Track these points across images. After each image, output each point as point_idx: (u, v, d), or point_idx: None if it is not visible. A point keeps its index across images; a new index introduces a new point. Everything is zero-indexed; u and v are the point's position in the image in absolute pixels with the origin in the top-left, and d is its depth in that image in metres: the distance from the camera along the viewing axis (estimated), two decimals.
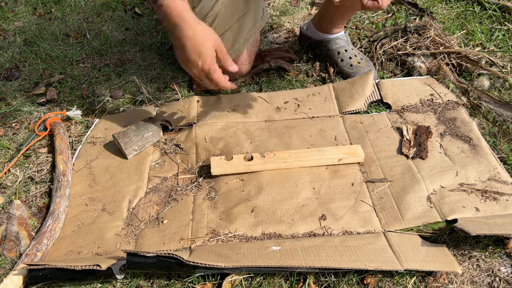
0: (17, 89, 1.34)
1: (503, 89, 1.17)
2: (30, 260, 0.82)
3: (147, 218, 0.92)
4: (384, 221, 0.87)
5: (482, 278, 0.78)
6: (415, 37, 1.30)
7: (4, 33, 1.66)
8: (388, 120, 1.10)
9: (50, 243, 0.88)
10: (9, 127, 1.20)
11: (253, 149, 1.05)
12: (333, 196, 0.92)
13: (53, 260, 0.80)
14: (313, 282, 0.79)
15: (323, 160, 0.98)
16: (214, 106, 1.18)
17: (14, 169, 1.06)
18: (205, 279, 0.80)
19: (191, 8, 1.07)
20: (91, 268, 0.75)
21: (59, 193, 0.95)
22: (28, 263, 0.80)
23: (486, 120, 1.09)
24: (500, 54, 1.29)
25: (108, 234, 0.89)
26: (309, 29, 1.34)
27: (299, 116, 1.14)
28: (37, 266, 0.77)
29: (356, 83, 1.17)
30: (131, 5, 1.77)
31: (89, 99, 1.28)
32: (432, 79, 1.21)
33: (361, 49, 1.39)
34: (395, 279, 0.78)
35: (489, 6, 1.48)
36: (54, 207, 0.92)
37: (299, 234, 0.86)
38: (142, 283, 0.80)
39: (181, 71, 1.36)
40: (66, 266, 0.76)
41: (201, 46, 0.86)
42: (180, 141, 1.10)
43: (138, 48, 1.50)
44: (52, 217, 0.90)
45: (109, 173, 1.03)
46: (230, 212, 0.90)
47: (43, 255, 0.85)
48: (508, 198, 0.88)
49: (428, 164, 0.97)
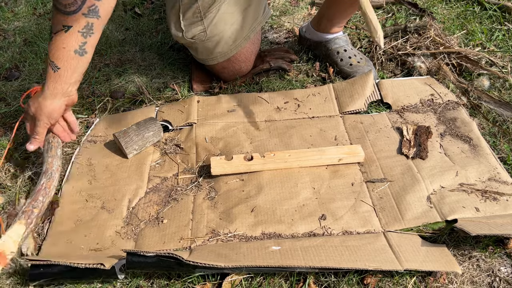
0: (17, 89, 1.34)
1: (503, 89, 1.17)
2: (27, 216, 0.84)
3: (147, 217, 0.92)
4: (384, 221, 0.87)
5: (482, 278, 0.78)
6: (415, 37, 1.30)
7: (4, 33, 1.66)
8: (388, 120, 1.10)
9: (46, 200, 0.89)
10: (9, 127, 1.20)
11: (253, 149, 1.05)
12: (333, 196, 0.92)
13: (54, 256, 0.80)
14: (313, 282, 0.79)
15: (323, 160, 0.98)
16: (214, 106, 1.18)
17: (14, 169, 1.06)
18: (205, 279, 0.80)
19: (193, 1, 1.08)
20: (95, 267, 0.75)
21: (50, 153, 0.97)
22: (30, 258, 0.80)
23: (486, 120, 1.09)
24: (500, 54, 1.29)
25: (107, 232, 0.89)
26: (308, 31, 1.34)
27: (299, 116, 1.14)
28: (39, 261, 0.77)
29: (356, 83, 1.17)
30: (131, 5, 1.77)
31: (89, 99, 1.28)
32: (432, 79, 1.21)
33: (361, 49, 1.39)
34: (395, 279, 0.78)
35: (489, 6, 1.48)
36: (47, 166, 0.94)
37: (299, 234, 0.86)
38: (142, 283, 0.80)
39: (181, 71, 1.37)
40: (69, 263, 0.75)
41: (42, 115, 0.95)
42: (180, 141, 1.10)
43: (138, 48, 1.50)
44: (46, 176, 0.92)
45: (109, 171, 1.03)
46: (230, 212, 0.90)
47: (39, 212, 0.87)
48: (508, 198, 0.88)
49: (428, 164, 0.97)
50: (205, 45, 1.17)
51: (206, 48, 1.18)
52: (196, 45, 1.18)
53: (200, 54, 1.21)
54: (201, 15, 1.11)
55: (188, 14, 1.12)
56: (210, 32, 1.14)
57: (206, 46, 1.17)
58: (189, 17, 1.12)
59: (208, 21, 1.12)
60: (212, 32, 1.14)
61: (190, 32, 1.14)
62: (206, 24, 1.13)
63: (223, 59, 1.19)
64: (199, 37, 1.15)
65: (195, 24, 1.13)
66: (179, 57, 1.42)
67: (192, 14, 1.12)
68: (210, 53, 1.18)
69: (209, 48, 1.17)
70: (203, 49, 1.19)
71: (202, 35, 1.14)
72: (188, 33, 1.15)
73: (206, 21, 1.12)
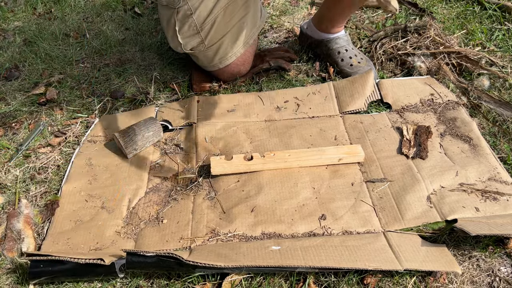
0: (17, 89, 1.34)
1: (503, 89, 1.17)
2: None
3: (147, 217, 0.92)
4: (384, 221, 0.87)
5: (482, 278, 0.78)
6: (415, 37, 1.30)
7: (4, 33, 1.66)
8: (388, 120, 1.10)
9: None
10: (9, 127, 1.19)
11: (253, 149, 1.05)
12: (333, 196, 0.92)
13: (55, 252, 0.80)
14: (313, 282, 0.78)
15: (323, 160, 0.98)
16: (214, 106, 1.18)
17: (14, 169, 1.06)
18: (205, 279, 0.80)
19: (188, 15, 1.08)
20: (95, 262, 0.75)
21: None
22: (29, 253, 0.80)
23: (486, 120, 1.09)
24: (500, 54, 1.29)
25: (107, 232, 0.89)
26: (309, 28, 1.34)
27: (299, 116, 1.14)
28: (39, 256, 0.77)
29: (357, 82, 1.17)
30: (131, 5, 1.77)
31: (89, 99, 1.28)
32: (432, 79, 1.21)
33: (361, 49, 1.38)
34: (395, 279, 0.78)
35: (489, 6, 1.48)
36: None
37: (299, 234, 0.86)
38: (142, 283, 0.80)
39: (181, 71, 1.37)
40: (69, 258, 0.75)
41: None
42: (180, 141, 1.10)
43: (138, 48, 1.50)
44: None
45: (109, 171, 1.03)
46: (230, 212, 0.90)
47: None
48: (508, 198, 0.88)
49: (428, 164, 0.97)
50: (205, 54, 1.18)
51: (206, 57, 1.19)
52: (196, 54, 1.19)
53: (200, 62, 1.22)
54: (198, 28, 1.12)
55: (184, 28, 1.12)
56: (209, 43, 1.14)
57: (206, 55, 1.18)
58: (186, 30, 1.13)
59: (205, 33, 1.13)
60: (211, 42, 1.14)
61: (188, 44, 1.15)
62: (203, 36, 1.13)
63: (223, 65, 1.20)
64: (198, 48, 1.16)
65: (193, 37, 1.14)
66: (179, 57, 1.42)
67: (188, 27, 1.12)
68: (211, 60, 1.19)
69: (209, 56, 1.18)
70: (203, 58, 1.20)
71: (201, 46, 1.15)
72: (186, 45, 1.15)
73: (203, 33, 1.13)
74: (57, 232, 0.90)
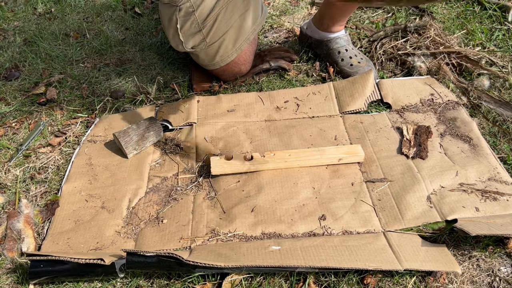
0: (17, 89, 1.34)
1: (503, 89, 1.17)
2: None
3: (147, 217, 0.92)
4: (384, 221, 0.87)
5: (482, 278, 0.78)
6: (415, 37, 1.30)
7: (4, 33, 1.66)
8: (388, 120, 1.10)
9: None
10: (9, 127, 1.20)
11: (253, 149, 1.05)
12: (333, 196, 0.92)
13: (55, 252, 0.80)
14: (313, 282, 0.79)
15: (323, 160, 0.98)
16: (214, 106, 1.18)
17: (14, 169, 1.06)
18: (205, 279, 0.80)
19: (190, 12, 1.08)
20: (95, 262, 0.75)
21: None
22: (30, 253, 0.80)
23: (486, 120, 1.09)
24: (500, 54, 1.29)
25: (107, 232, 0.89)
26: (310, 28, 1.34)
27: (299, 115, 1.14)
28: (39, 256, 0.77)
29: (357, 82, 1.17)
30: (131, 5, 1.77)
31: (89, 99, 1.28)
32: (432, 79, 1.21)
33: (361, 49, 1.38)
34: (395, 279, 0.78)
35: (489, 6, 1.48)
36: None
37: (299, 233, 0.86)
38: (142, 283, 0.80)
39: (181, 70, 1.37)
40: (69, 258, 0.75)
41: None
42: (180, 141, 1.10)
43: (138, 48, 1.50)
44: None
45: (109, 171, 1.03)
46: (230, 212, 0.90)
47: None
48: (508, 198, 0.88)
49: (428, 164, 0.97)
50: (206, 52, 1.18)
51: (208, 55, 1.18)
52: (197, 52, 1.18)
53: (201, 60, 1.22)
54: (199, 25, 1.11)
55: (186, 26, 1.12)
56: (210, 40, 1.14)
57: (207, 53, 1.18)
58: (187, 28, 1.13)
59: (207, 30, 1.12)
60: (212, 40, 1.14)
61: (190, 42, 1.15)
62: (205, 33, 1.13)
63: (224, 63, 1.19)
64: (200, 46, 1.15)
65: (194, 35, 1.13)
66: (179, 57, 1.42)
67: (190, 25, 1.12)
68: (212, 58, 1.19)
69: (210, 54, 1.18)
70: (204, 56, 1.19)
71: (203, 44, 1.15)
72: (187, 43, 1.15)
73: (205, 31, 1.12)
74: (57, 232, 0.90)
